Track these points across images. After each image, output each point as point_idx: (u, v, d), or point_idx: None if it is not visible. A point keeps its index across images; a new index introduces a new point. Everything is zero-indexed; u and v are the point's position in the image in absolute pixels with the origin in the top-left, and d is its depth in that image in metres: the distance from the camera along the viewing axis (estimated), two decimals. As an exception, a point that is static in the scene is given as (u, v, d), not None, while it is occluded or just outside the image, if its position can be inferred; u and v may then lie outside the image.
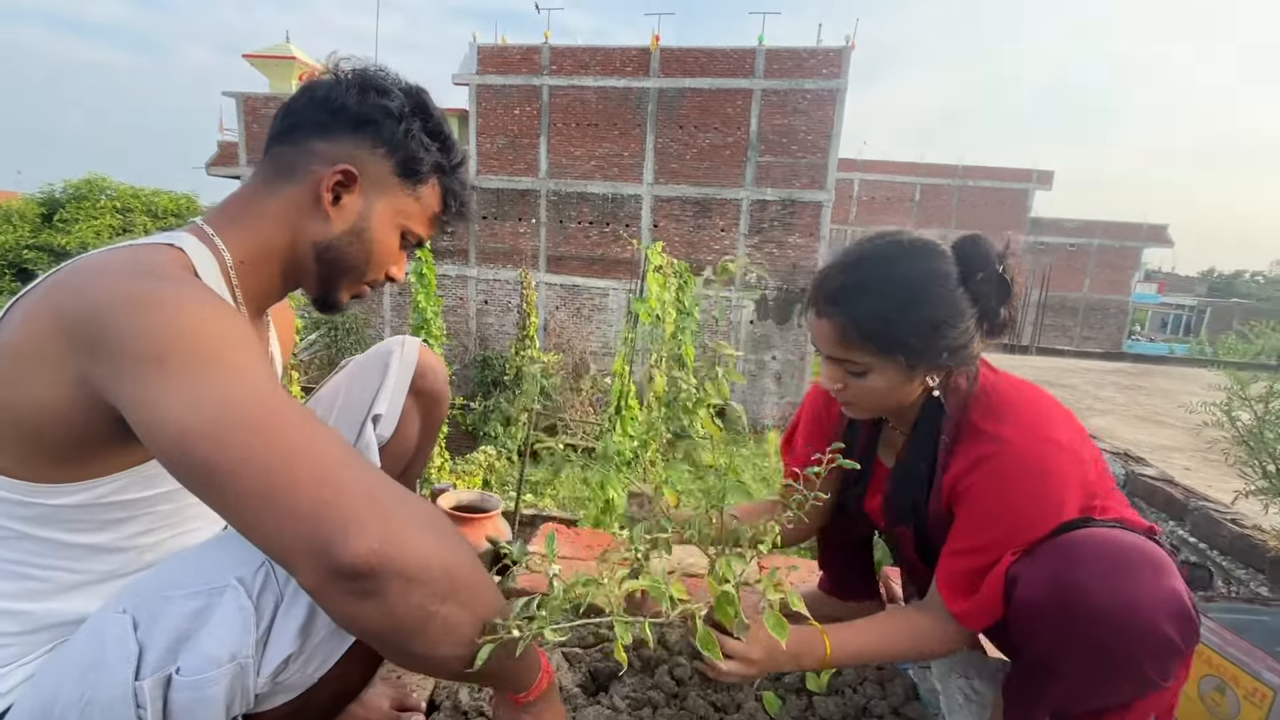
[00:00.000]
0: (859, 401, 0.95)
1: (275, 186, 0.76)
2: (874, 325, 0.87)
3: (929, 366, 0.89)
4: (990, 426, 0.87)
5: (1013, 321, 0.91)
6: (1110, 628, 0.75)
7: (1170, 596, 0.74)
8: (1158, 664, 0.76)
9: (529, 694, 0.69)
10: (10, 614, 0.64)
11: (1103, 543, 0.78)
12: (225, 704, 0.58)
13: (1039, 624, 0.81)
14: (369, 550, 0.50)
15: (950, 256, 0.88)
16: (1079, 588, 0.76)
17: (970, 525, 0.88)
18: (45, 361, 0.57)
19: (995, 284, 0.88)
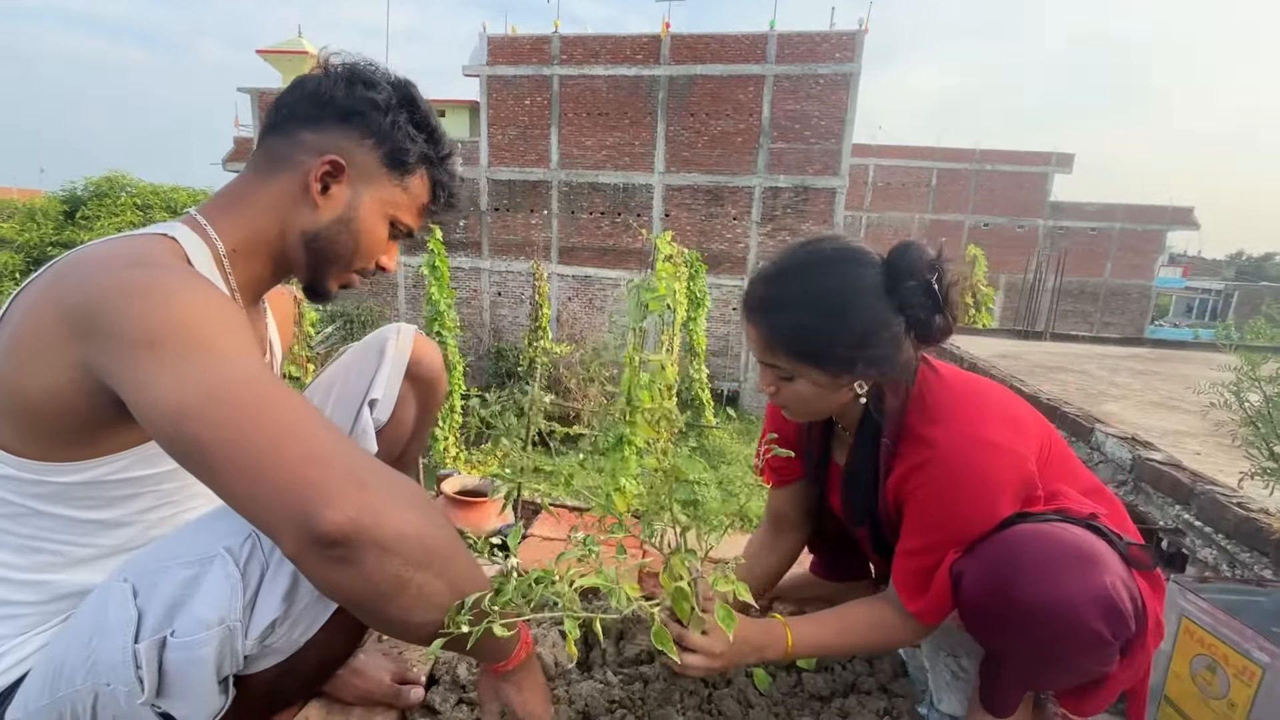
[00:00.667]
0: (791, 405, 0.97)
1: (266, 177, 0.78)
2: (794, 336, 0.89)
3: (853, 376, 0.90)
4: (925, 430, 0.89)
5: (952, 329, 0.90)
6: (1040, 627, 0.78)
7: (1098, 592, 0.76)
8: (1092, 655, 0.80)
9: (508, 664, 0.72)
10: (27, 585, 0.68)
11: (1035, 540, 0.80)
12: (215, 664, 0.61)
13: (980, 620, 0.85)
14: (346, 520, 0.53)
15: (877, 265, 0.88)
16: (1011, 587, 0.79)
17: (915, 527, 0.91)
18: (49, 348, 0.60)
19: (924, 292, 0.87)
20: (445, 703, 1.01)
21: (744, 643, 0.91)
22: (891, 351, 0.87)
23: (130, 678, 0.60)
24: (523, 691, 0.76)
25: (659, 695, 1.02)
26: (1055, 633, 0.77)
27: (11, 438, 0.63)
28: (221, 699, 0.63)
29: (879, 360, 0.87)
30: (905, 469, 0.91)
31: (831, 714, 1.02)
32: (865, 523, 1.02)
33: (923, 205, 23.96)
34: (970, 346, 4.69)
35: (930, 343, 0.90)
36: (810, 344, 0.88)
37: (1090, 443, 2.50)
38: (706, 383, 13.01)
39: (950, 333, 0.91)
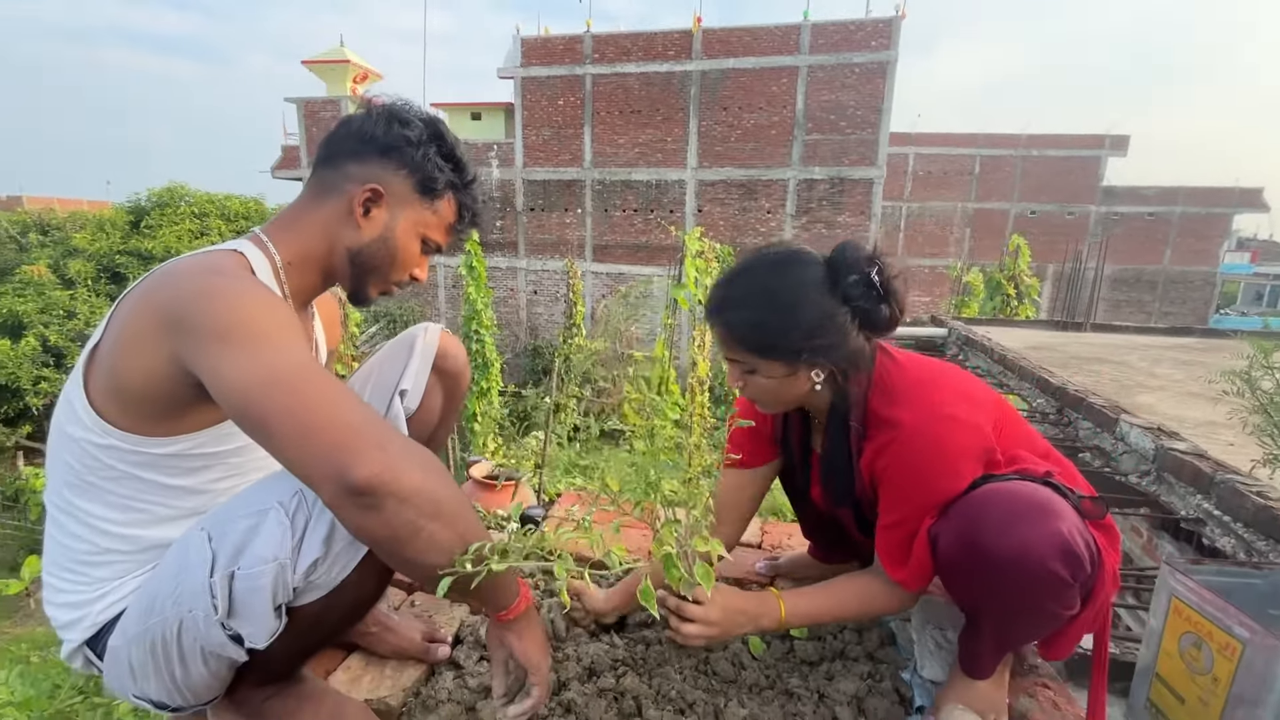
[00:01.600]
0: (759, 398, 1.04)
1: (318, 202, 0.93)
2: (748, 332, 0.97)
3: (807, 364, 0.97)
4: (888, 412, 0.97)
5: (900, 317, 0.98)
6: (1007, 574, 0.85)
7: (1055, 537, 0.83)
8: (1056, 598, 0.87)
9: (509, 613, 0.84)
10: (123, 537, 0.84)
11: (996, 498, 0.88)
12: (271, 593, 0.75)
13: (956, 576, 0.93)
14: (371, 474, 0.65)
15: (819, 264, 0.97)
16: (979, 541, 0.87)
17: (890, 502, 0.99)
18: (147, 342, 0.75)
19: (866, 285, 0.94)
20: (469, 659, 1.13)
21: (740, 612, 1.00)
22: (838, 340, 0.95)
23: (207, 604, 0.75)
24: (523, 639, 0.87)
25: (658, 656, 1.13)
26: (1021, 578, 0.84)
27: (116, 414, 0.78)
28: (276, 622, 0.77)
29: (826, 349, 0.95)
30: (874, 449, 0.99)
31: (819, 677, 1.10)
32: (846, 504, 1.09)
33: (965, 194, 23.23)
34: (1002, 338, 4.61)
35: (879, 331, 0.98)
36: (763, 338, 0.96)
37: (1115, 433, 2.47)
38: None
39: (898, 322, 0.98)
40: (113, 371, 0.77)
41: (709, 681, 1.08)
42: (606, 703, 1.01)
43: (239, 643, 0.77)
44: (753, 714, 1.01)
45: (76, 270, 11.76)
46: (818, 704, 1.04)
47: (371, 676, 1.09)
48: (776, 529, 1.72)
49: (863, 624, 1.22)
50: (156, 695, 0.81)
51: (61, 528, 0.84)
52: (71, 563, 0.84)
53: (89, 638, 0.84)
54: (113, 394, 0.78)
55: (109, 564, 0.84)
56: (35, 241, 13.93)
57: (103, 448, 0.79)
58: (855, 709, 1.03)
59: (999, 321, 6.36)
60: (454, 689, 1.06)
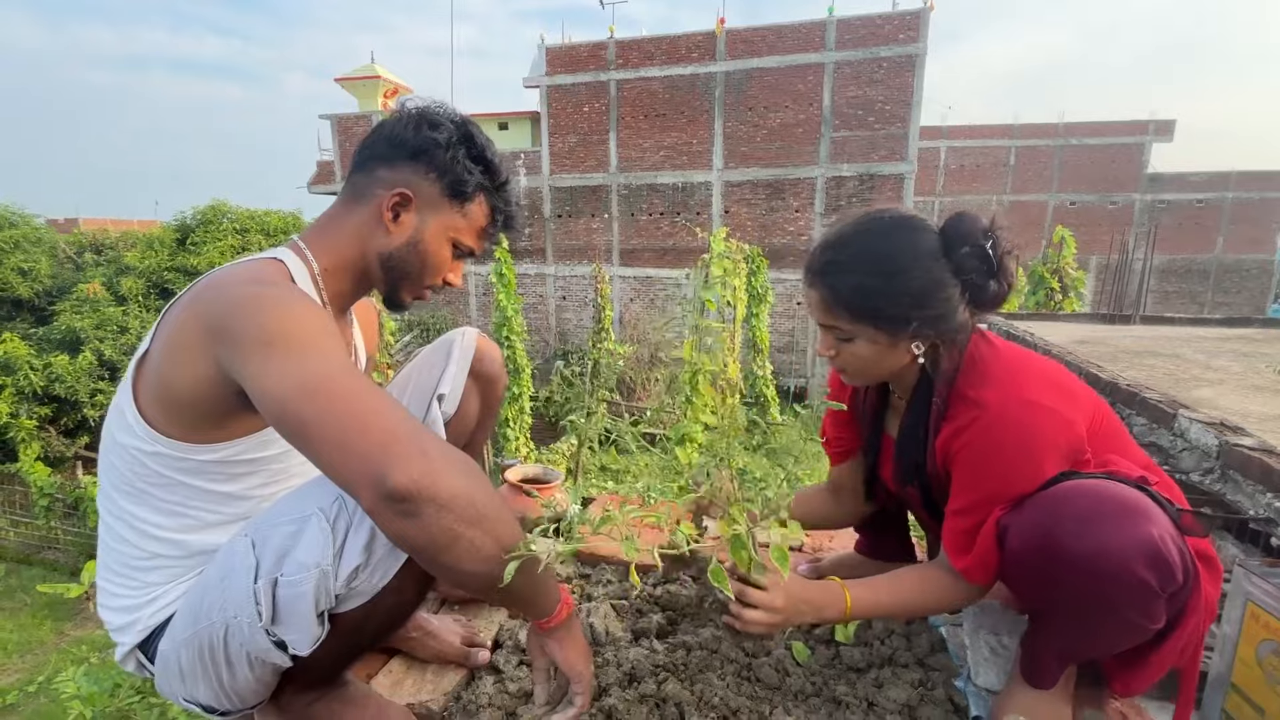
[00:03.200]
0: (850, 367, 1.00)
1: (351, 208, 0.93)
2: (853, 296, 0.93)
3: (910, 335, 0.93)
4: (973, 393, 0.92)
5: (1006, 294, 0.94)
6: (1085, 574, 0.78)
7: (1144, 541, 0.76)
8: (1138, 607, 0.79)
9: (551, 620, 0.82)
10: (172, 543, 0.85)
11: (1081, 493, 0.81)
12: (314, 599, 0.75)
13: (1024, 573, 0.86)
14: (410, 481, 0.64)
15: (933, 231, 0.93)
16: (1055, 537, 0.80)
17: (962, 486, 0.93)
18: (192, 351, 0.76)
19: (979, 258, 0.90)
20: (508, 663, 1.13)
21: (803, 601, 0.94)
22: (946, 312, 0.91)
23: (252, 611, 0.75)
24: (565, 648, 0.85)
25: (700, 662, 1.10)
26: (1100, 581, 0.78)
27: (163, 421, 0.80)
28: (320, 629, 0.77)
29: (934, 320, 0.91)
30: (953, 428, 0.93)
31: (867, 684, 1.06)
32: (915, 481, 1.04)
33: (1000, 186, 22.60)
34: (1045, 333, 4.45)
35: (984, 308, 0.94)
36: (869, 303, 0.92)
37: (1173, 429, 2.35)
38: (771, 379, 12.83)
39: (1004, 299, 0.94)
40: (160, 380, 0.78)
41: (753, 688, 1.05)
42: (648, 709, 0.99)
43: (283, 649, 0.77)
44: (799, 722, 0.97)
45: (128, 287, 12.28)
46: (867, 712, 1.00)
47: (413, 680, 1.09)
48: (817, 531, 1.68)
49: (911, 629, 1.17)
50: (205, 699, 0.82)
51: (113, 533, 0.86)
52: (123, 567, 0.86)
53: (141, 641, 0.86)
54: (160, 402, 0.79)
55: (159, 568, 0.85)
56: (90, 261, 14.63)
57: (151, 454, 0.81)
58: (907, 717, 0.99)
59: (1041, 316, 6.14)
60: (494, 694, 1.05)
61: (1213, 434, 2.14)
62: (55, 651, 7.64)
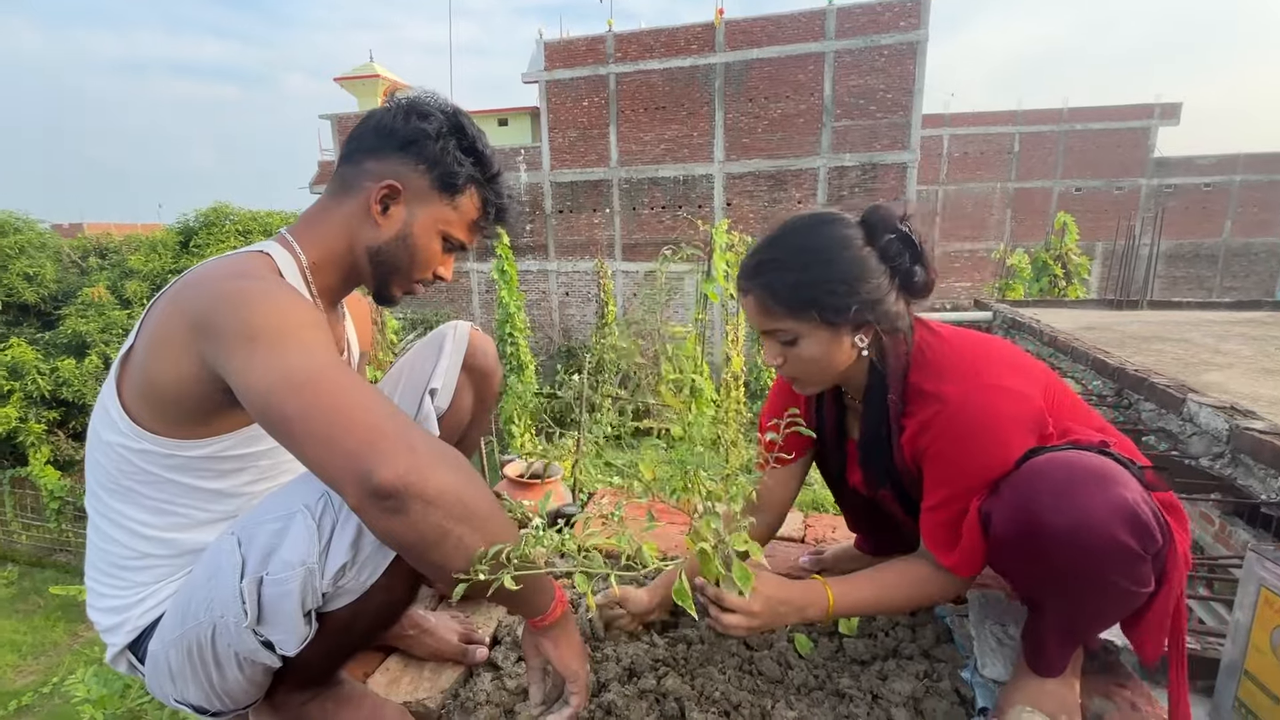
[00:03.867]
0: (799, 374, 1.00)
1: (339, 200, 0.91)
2: (786, 290, 0.93)
3: (851, 324, 0.93)
4: (930, 386, 0.92)
5: (932, 283, 0.95)
6: (1068, 546, 0.78)
7: (1120, 505, 0.76)
8: (1124, 572, 0.78)
9: (545, 619, 0.81)
10: (160, 542, 0.84)
11: (1051, 467, 0.81)
12: (300, 598, 0.73)
13: (1012, 556, 0.86)
14: (396, 476, 0.63)
15: (854, 224, 0.94)
16: (1035, 514, 0.80)
17: (935, 482, 0.93)
18: (176, 346, 0.74)
19: (902, 243, 0.92)
20: (506, 660, 1.11)
21: (785, 603, 0.94)
22: (880, 297, 0.91)
23: (238, 610, 0.73)
24: (559, 647, 0.83)
25: (701, 656, 1.08)
26: (1085, 553, 0.77)
27: (149, 418, 0.78)
28: (307, 628, 0.75)
29: (871, 305, 0.91)
30: (916, 426, 0.93)
31: (871, 677, 1.04)
32: (886, 484, 1.04)
33: (1005, 173, 22.39)
34: (1051, 319, 4.41)
35: (916, 295, 0.94)
36: (804, 294, 0.92)
37: (1182, 414, 2.32)
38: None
39: (932, 286, 0.94)
40: (145, 376, 0.77)
41: (754, 682, 1.04)
42: (648, 704, 0.98)
43: (271, 648, 0.76)
44: (802, 716, 0.96)
45: (132, 290, 12.32)
46: (871, 705, 0.98)
47: (410, 678, 1.08)
48: (820, 523, 1.66)
49: (916, 621, 1.15)
50: (196, 700, 0.81)
51: (101, 532, 0.85)
52: (111, 567, 0.85)
53: (130, 641, 0.84)
54: (145, 398, 0.77)
55: (147, 568, 0.84)
56: (95, 265, 14.67)
57: (137, 452, 0.79)
58: (912, 710, 0.97)
59: (1047, 303, 6.09)
60: (492, 691, 1.03)
61: (1223, 418, 2.11)
62: (69, 652, 7.72)
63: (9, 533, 10.61)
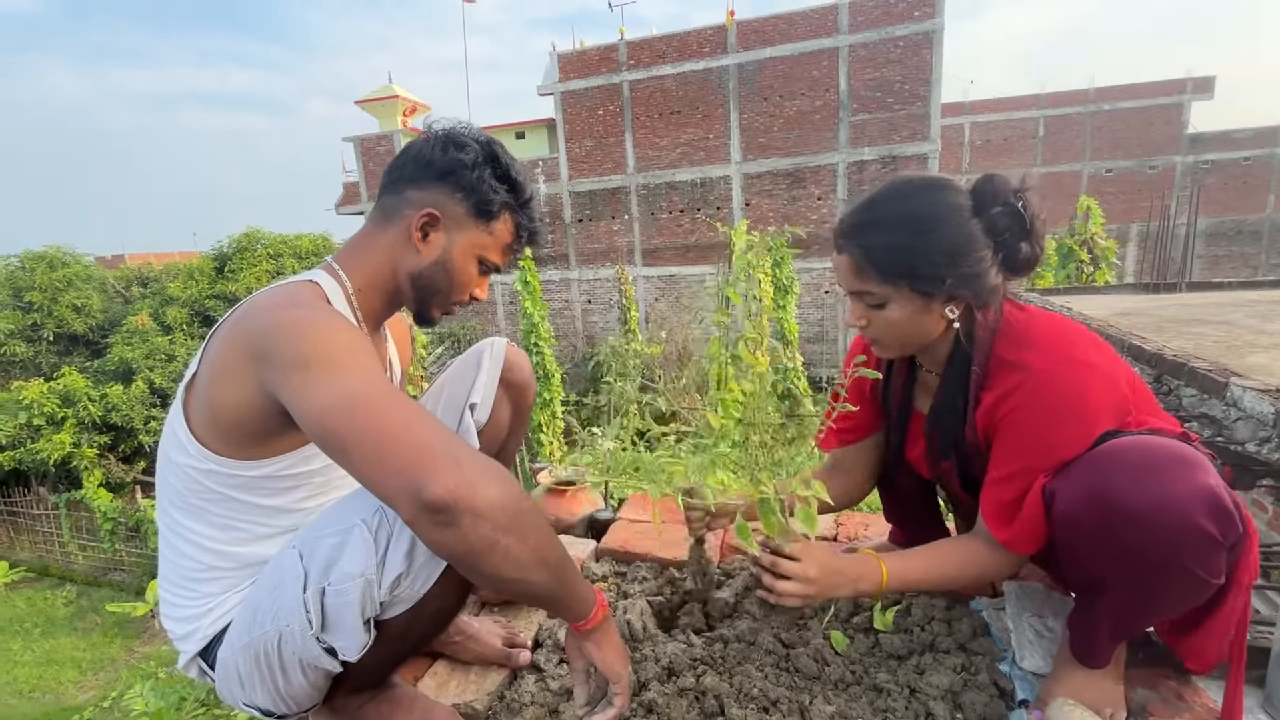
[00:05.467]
0: (883, 337, 0.98)
1: (381, 228, 0.96)
2: (885, 255, 0.91)
3: (944, 296, 0.91)
4: (1016, 356, 0.90)
5: (1039, 258, 0.92)
6: (1145, 527, 0.75)
7: (1203, 490, 0.73)
8: (1200, 559, 0.75)
9: (587, 623, 0.84)
10: (226, 554, 0.89)
11: (1133, 448, 0.79)
12: (360, 607, 0.78)
13: (1078, 535, 0.83)
14: (446, 491, 0.67)
15: (964, 191, 0.91)
16: (1111, 493, 0.77)
17: (1007, 453, 0.91)
18: (237, 374, 0.80)
19: (1012, 217, 0.89)
20: (549, 662, 1.15)
21: (838, 573, 0.94)
22: (980, 272, 0.89)
23: (303, 619, 0.79)
24: (601, 649, 0.86)
25: (738, 654, 1.10)
26: (1163, 533, 0.74)
27: (213, 440, 0.84)
28: (366, 635, 0.80)
29: (968, 280, 0.89)
30: (997, 395, 0.91)
31: (909, 671, 1.05)
32: (952, 457, 1.02)
33: (1030, 159, 21.88)
34: (1084, 307, 4.31)
35: (1017, 271, 0.92)
36: (902, 261, 0.90)
37: (1225, 398, 2.26)
38: (802, 371, 12.68)
39: (1037, 262, 0.92)
40: (209, 402, 0.82)
41: (791, 679, 1.05)
42: (688, 702, 1.00)
43: (333, 654, 0.81)
44: (840, 711, 0.97)
45: (173, 317, 12.79)
46: (909, 699, 0.99)
47: (457, 682, 1.12)
48: (853, 519, 1.67)
49: (952, 615, 1.15)
50: (263, 703, 0.86)
51: (172, 547, 0.91)
52: (182, 579, 0.91)
53: (201, 649, 0.90)
54: (210, 422, 0.83)
55: (214, 579, 0.90)
56: (137, 294, 15.28)
57: (203, 472, 0.85)
58: (951, 704, 0.97)
59: (1080, 290, 5.94)
60: (536, 692, 1.07)
61: (1268, 401, 2.05)
62: (126, 668, 8.02)
63: (67, 554, 11.08)
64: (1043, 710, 0.92)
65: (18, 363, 13.14)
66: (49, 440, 10.87)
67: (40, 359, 13.29)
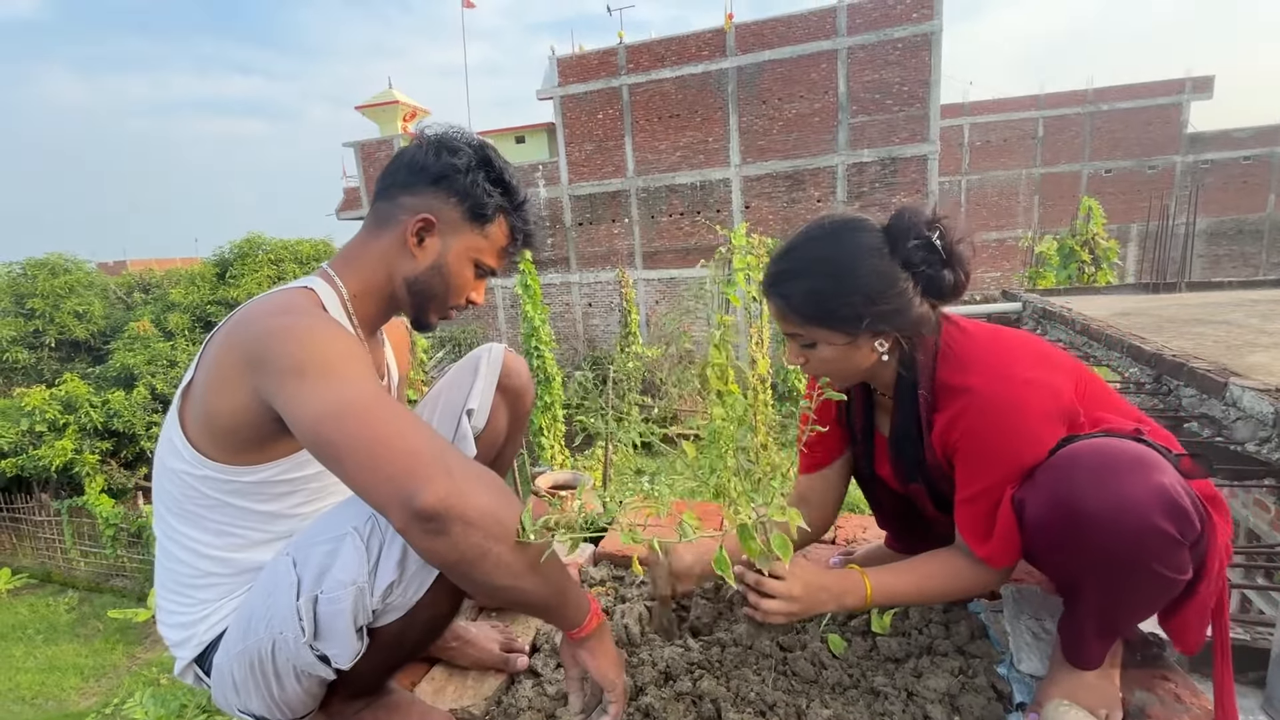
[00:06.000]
0: (821, 372, 1.01)
1: (376, 234, 0.96)
2: (804, 301, 0.95)
3: (869, 333, 0.94)
4: (957, 379, 0.93)
5: (964, 283, 0.94)
6: (1107, 530, 0.78)
7: (1158, 490, 0.76)
8: (1163, 558, 0.78)
9: (581, 630, 0.84)
10: (222, 560, 0.89)
11: (1089, 452, 0.82)
12: (352, 615, 0.78)
13: (1048, 542, 0.85)
14: (437, 500, 0.67)
15: (877, 230, 0.94)
16: (1072, 500, 0.80)
17: (968, 474, 0.94)
18: (232, 380, 0.80)
19: (927, 249, 0.91)
20: (546, 667, 1.15)
21: (822, 589, 0.95)
22: (901, 306, 0.92)
23: (296, 626, 0.79)
24: (596, 656, 0.87)
25: (735, 658, 1.10)
26: (1124, 536, 0.77)
27: (209, 446, 0.84)
28: (359, 643, 0.80)
29: (888, 316, 0.92)
30: (946, 420, 0.94)
31: (906, 674, 1.04)
32: (918, 479, 1.05)
33: (1029, 160, 21.89)
34: (1084, 307, 4.31)
35: (944, 297, 0.94)
36: (820, 306, 0.94)
37: (1224, 398, 2.25)
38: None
39: (963, 288, 0.94)
40: (204, 409, 0.82)
41: (789, 682, 1.05)
42: (685, 706, 1.00)
43: (326, 662, 0.81)
44: (837, 714, 0.97)
45: (174, 323, 12.82)
46: (906, 702, 0.99)
47: (454, 687, 1.12)
48: (850, 523, 1.67)
49: (950, 617, 1.15)
50: (258, 710, 0.86)
51: (168, 553, 0.91)
52: (178, 585, 0.91)
53: (197, 655, 0.90)
54: (205, 429, 0.83)
55: (210, 586, 0.90)
56: (139, 300, 15.32)
57: (199, 478, 0.85)
58: (948, 707, 0.97)
59: (1079, 290, 5.93)
60: (533, 697, 1.07)
61: (1268, 400, 2.05)
62: (128, 674, 8.01)
63: (69, 560, 11.08)
64: (1039, 712, 0.92)
65: (20, 369, 13.17)
66: (51, 446, 10.90)
67: (42, 365, 13.33)
